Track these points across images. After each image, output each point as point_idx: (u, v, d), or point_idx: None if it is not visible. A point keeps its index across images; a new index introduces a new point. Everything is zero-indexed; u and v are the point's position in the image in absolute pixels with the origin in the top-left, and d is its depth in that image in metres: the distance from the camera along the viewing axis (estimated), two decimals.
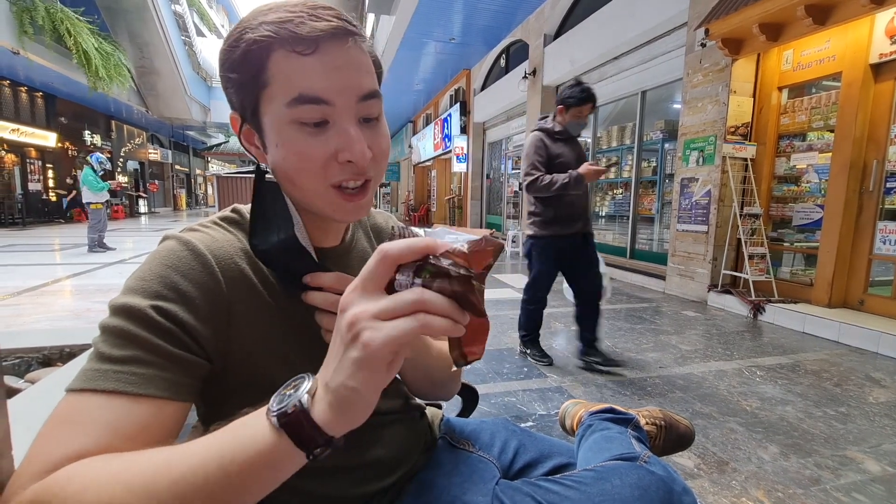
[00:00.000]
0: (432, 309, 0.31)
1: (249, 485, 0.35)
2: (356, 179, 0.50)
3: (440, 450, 0.69)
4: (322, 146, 0.47)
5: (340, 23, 0.46)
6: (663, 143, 5.38)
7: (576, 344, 2.68)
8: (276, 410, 0.34)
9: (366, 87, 0.48)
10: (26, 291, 4.28)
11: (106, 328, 0.42)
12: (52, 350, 0.85)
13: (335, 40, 0.46)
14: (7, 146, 11.40)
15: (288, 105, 0.45)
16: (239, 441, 0.34)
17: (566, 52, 6.73)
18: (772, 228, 4.13)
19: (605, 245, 6.55)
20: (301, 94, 0.45)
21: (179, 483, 0.33)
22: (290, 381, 0.36)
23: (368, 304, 0.32)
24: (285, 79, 0.45)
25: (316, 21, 0.45)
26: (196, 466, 0.34)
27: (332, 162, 0.48)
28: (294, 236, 0.51)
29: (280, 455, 0.34)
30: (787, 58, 3.91)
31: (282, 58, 0.45)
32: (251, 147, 0.52)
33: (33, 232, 10.31)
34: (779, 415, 2.04)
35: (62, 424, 0.37)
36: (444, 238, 0.33)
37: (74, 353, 0.89)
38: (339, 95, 0.46)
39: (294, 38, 0.44)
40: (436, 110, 14.05)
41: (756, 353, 2.89)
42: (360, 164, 0.48)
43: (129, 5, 12.76)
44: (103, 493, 0.33)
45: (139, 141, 19.04)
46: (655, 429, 0.89)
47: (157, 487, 0.33)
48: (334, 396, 0.33)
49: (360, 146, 0.47)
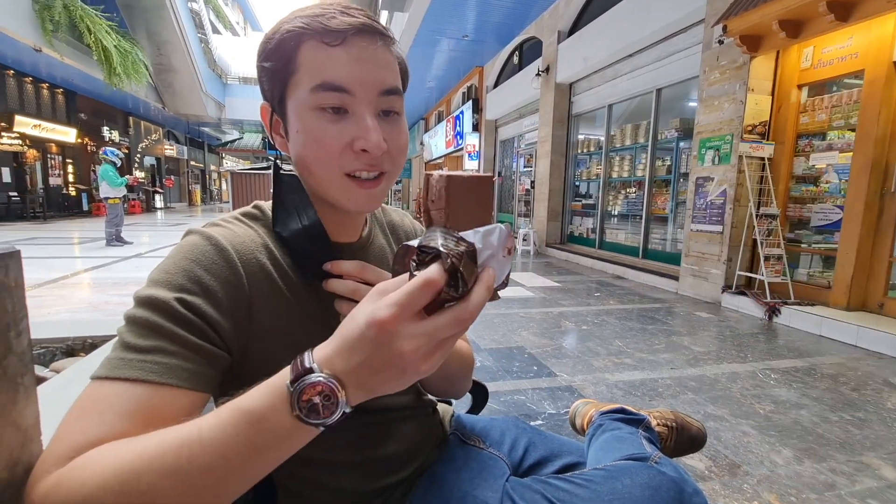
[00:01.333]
0: (466, 324, 0.34)
1: (276, 459, 0.36)
2: (370, 170, 0.51)
3: (451, 446, 0.70)
4: (339, 134, 0.49)
5: (369, 21, 0.49)
6: (678, 141, 5.31)
7: (587, 344, 2.67)
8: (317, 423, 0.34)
9: (387, 83, 0.50)
10: (47, 283, 4.39)
11: (131, 319, 0.43)
12: (75, 341, 0.88)
13: (362, 35, 0.48)
14: (29, 141, 11.66)
15: (311, 91, 0.48)
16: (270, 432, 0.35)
17: (580, 49, 6.66)
18: (789, 229, 4.05)
19: (618, 244, 6.50)
20: (324, 81, 0.47)
21: (208, 466, 0.34)
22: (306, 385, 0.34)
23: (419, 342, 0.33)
24: (312, 66, 0.48)
25: (346, 17, 0.48)
26: (226, 453, 0.35)
27: (348, 150, 0.49)
28: (318, 222, 0.53)
29: (308, 437, 0.36)
30: (807, 55, 3.83)
31: (311, 48, 0.48)
32: (277, 136, 0.55)
33: (54, 225, 10.55)
34: (793, 418, 2.01)
35: (85, 411, 0.39)
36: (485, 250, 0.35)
37: (96, 343, 0.92)
38: (360, 86, 0.48)
39: (324, 30, 0.47)
40: (448, 108, 14.03)
41: (771, 355, 2.85)
42: (374, 154, 0.49)
43: (148, 3, 12.94)
44: (129, 474, 0.34)
45: (156, 137, 19.34)
46: (667, 430, 0.88)
47: (186, 469, 0.34)
48: (363, 391, 0.35)
49: (375, 136, 0.49)
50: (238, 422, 0.35)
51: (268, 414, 0.35)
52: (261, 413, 0.35)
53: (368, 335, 0.33)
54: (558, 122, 7.55)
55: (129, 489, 0.34)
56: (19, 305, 0.35)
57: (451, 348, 0.35)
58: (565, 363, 2.61)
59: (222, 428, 0.35)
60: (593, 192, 7.27)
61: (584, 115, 7.38)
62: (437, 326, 0.33)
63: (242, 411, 0.35)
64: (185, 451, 0.35)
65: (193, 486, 0.34)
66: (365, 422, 0.60)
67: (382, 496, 0.60)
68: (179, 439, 0.35)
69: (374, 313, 0.33)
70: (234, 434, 0.35)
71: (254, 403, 0.35)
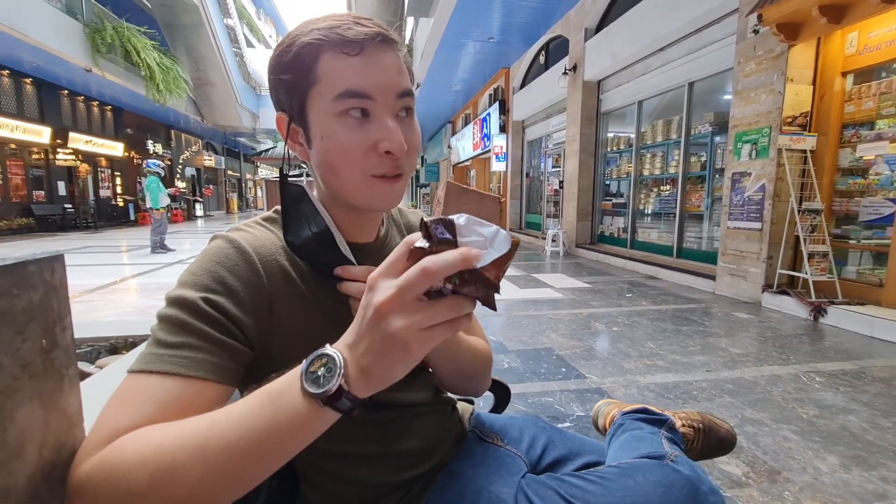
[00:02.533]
0: (461, 314, 0.36)
1: (293, 442, 0.39)
2: (393, 172, 0.53)
3: (470, 443, 0.71)
4: (363, 138, 0.51)
5: (382, 30, 0.52)
6: (713, 136, 5.13)
7: (618, 345, 2.61)
8: (317, 392, 0.36)
9: (403, 86, 0.53)
10: (98, 289, 4.67)
11: (162, 317, 0.47)
12: (118, 339, 0.95)
13: (377, 44, 0.51)
14: (81, 156, 12.45)
15: (335, 99, 0.50)
16: (283, 413, 0.37)
17: (608, 45, 6.54)
18: (835, 225, 3.84)
19: (650, 244, 6.32)
20: (347, 89, 0.50)
21: (232, 447, 0.37)
22: (315, 358, 0.38)
23: (413, 319, 0.35)
24: (333, 76, 0.50)
25: (361, 27, 0.51)
26: (247, 433, 0.37)
27: (372, 153, 0.52)
28: (326, 229, 0.55)
29: (321, 420, 0.38)
30: (851, 41, 3.62)
31: (330, 58, 0.50)
32: (295, 145, 0.57)
33: (104, 235, 11.21)
34: (840, 424, 1.90)
35: (122, 400, 0.42)
36: (472, 234, 0.36)
37: (137, 342, 0.98)
38: (380, 92, 0.51)
39: (342, 41, 0.50)
40: (475, 110, 14.04)
41: (816, 357, 2.71)
42: (397, 154, 0.52)
43: (187, 21, 13.61)
44: (163, 455, 0.37)
45: (196, 148, 20.25)
46: (693, 431, 0.86)
47: (212, 450, 0.37)
48: (373, 380, 0.37)
49: (398, 137, 0.51)
50: (260, 400, 0.38)
51: (284, 391, 0.38)
52: (278, 391, 0.38)
53: (367, 317, 0.36)
54: (586, 121, 7.43)
55: (163, 467, 0.37)
56: (64, 304, 0.39)
57: (448, 333, 0.36)
58: (595, 365, 2.57)
59: (246, 406, 0.39)
60: (624, 190, 7.10)
61: (613, 112, 7.23)
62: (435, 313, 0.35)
63: (265, 391, 0.39)
64: (213, 431, 0.38)
65: (216, 464, 0.37)
66: (385, 417, 0.62)
67: (402, 490, 0.61)
68: (210, 420, 0.39)
69: (378, 295, 0.35)
70: (255, 412, 0.38)
71: (275, 384, 0.39)
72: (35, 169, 11.42)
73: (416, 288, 0.34)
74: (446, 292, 0.36)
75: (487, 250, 0.35)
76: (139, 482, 0.36)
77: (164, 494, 0.36)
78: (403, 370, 0.37)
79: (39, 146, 11.27)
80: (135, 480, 0.36)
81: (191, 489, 0.37)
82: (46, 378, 0.36)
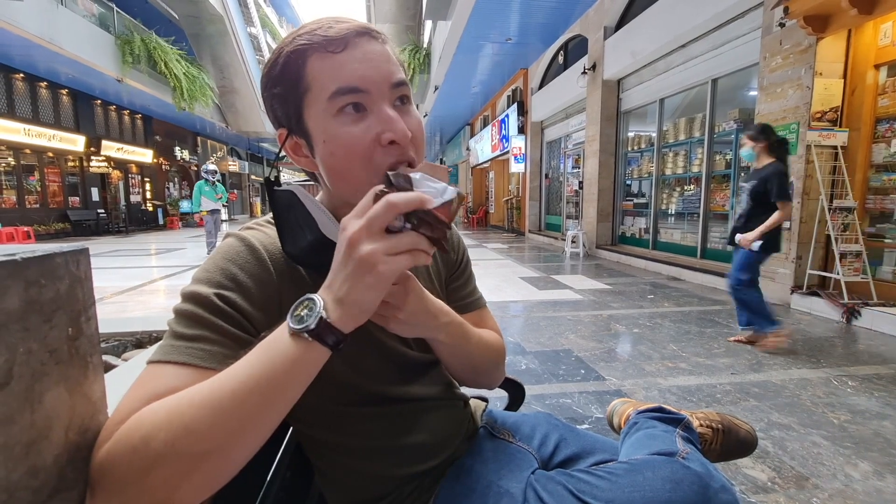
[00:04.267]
0: (420, 248, 0.41)
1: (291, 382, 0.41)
2: (402, 160, 0.52)
3: (481, 438, 0.71)
4: (364, 132, 0.50)
5: (363, 25, 0.52)
6: (737, 133, 4.99)
7: (639, 347, 2.57)
8: (302, 327, 0.40)
9: (396, 75, 0.52)
10: (129, 290, 4.84)
11: (178, 312, 0.49)
12: (142, 335, 0.99)
13: (361, 37, 0.51)
14: (113, 163, 12.94)
15: (329, 99, 0.50)
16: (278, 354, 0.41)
17: (628, 43, 6.44)
18: (869, 223, 3.68)
19: (673, 244, 6.18)
20: (339, 86, 0.49)
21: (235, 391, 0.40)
22: (297, 304, 0.42)
23: (379, 244, 0.40)
24: (323, 77, 0.50)
25: (341, 24, 0.51)
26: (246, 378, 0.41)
27: (376, 147, 0.50)
28: (321, 235, 0.53)
29: (312, 356, 0.41)
30: (885, 32, 3.48)
31: (317, 60, 0.50)
32: (300, 158, 0.56)
33: (134, 238, 11.61)
34: (874, 430, 1.82)
35: (142, 387, 0.44)
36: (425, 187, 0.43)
37: (160, 337, 1.02)
38: (373, 84, 0.50)
39: (325, 40, 0.50)
40: (493, 112, 14.01)
41: (848, 361, 2.60)
42: (402, 143, 0.51)
43: (213, 31, 14.03)
44: (174, 410, 0.40)
45: (221, 154, 20.80)
46: (711, 432, 0.84)
47: (218, 397, 0.40)
48: (348, 307, 0.41)
49: (400, 125, 0.50)
50: (257, 350, 0.42)
51: (276, 337, 0.42)
52: (271, 338, 0.43)
53: (341, 252, 0.41)
54: (606, 120, 7.33)
55: (176, 424, 0.39)
56: (88, 294, 0.41)
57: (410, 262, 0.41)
58: (615, 367, 2.53)
59: (246, 358, 0.42)
60: (645, 190, 6.97)
61: (634, 111, 7.11)
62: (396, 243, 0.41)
63: (261, 343, 0.43)
64: (217, 384, 0.41)
65: (224, 412, 0.39)
66: (397, 411, 0.62)
67: (413, 482, 0.62)
68: (216, 377, 0.42)
69: (345, 234, 0.41)
70: (252, 361, 0.42)
71: (270, 335, 0.43)
72: (70, 176, 11.93)
73: (381, 218, 0.40)
74: (406, 230, 0.41)
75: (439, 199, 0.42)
76: (158, 442, 0.38)
77: (181, 449, 0.38)
78: (375, 296, 0.41)
79: (74, 154, 11.77)
80: (154, 440, 0.38)
81: (204, 440, 0.39)
82: (72, 364, 0.38)
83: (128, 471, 0.38)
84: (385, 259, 0.40)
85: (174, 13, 13.82)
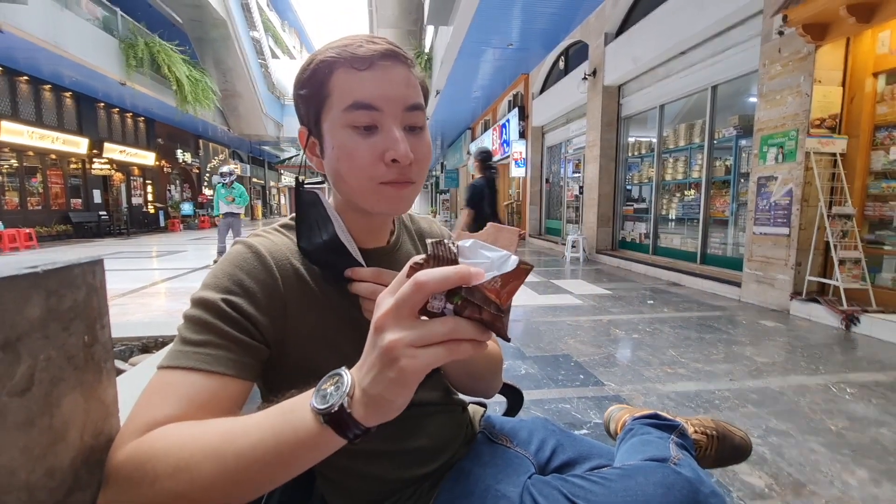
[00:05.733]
0: (462, 336, 0.34)
1: (296, 460, 0.40)
2: (400, 180, 0.56)
3: (479, 443, 0.72)
4: (371, 147, 0.54)
5: (392, 48, 0.55)
6: (737, 139, 5.02)
7: (638, 353, 2.58)
8: (321, 409, 0.37)
9: (411, 99, 0.55)
10: (130, 293, 4.86)
11: (187, 317, 0.51)
12: (148, 339, 1.01)
13: (386, 60, 0.54)
14: (116, 166, 13.00)
15: (344, 111, 0.54)
16: (290, 427, 0.39)
17: (628, 50, 6.49)
18: (868, 230, 3.70)
19: (673, 249, 6.20)
20: (355, 101, 0.53)
21: (241, 453, 0.40)
22: (329, 377, 0.39)
23: (404, 333, 0.34)
24: (343, 89, 0.54)
25: (371, 45, 0.54)
26: (255, 442, 0.40)
27: (379, 162, 0.54)
28: (336, 236, 0.58)
29: (324, 441, 0.38)
30: (883, 40, 3.51)
31: (342, 73, 0.54)
32: (313, 157, 0.61)
33: (136, 240, 11.64)
34: (871, 437, 1.83)
35: (153, 394, 0.46)
36: (476, 257, 0.34)
37: (166, 342, 1.04)
38: (386, 103, 0.53)
39: (353, 57, 0.53)
40: (494, 116, 14.07)
41: (847, 367, 2.61)
42: (403, 163, 0.54)
43: (216, 35, 14.12)
44: (184, 453, 0.40)
45: (222, 157, 20.88)
46: (706, 438, 0.85)
47: (224, 454, 0.40)
48: (371, 401, 0.36)
49: (403, 146, 0.53)
50: (273, 413, 0.40)
51: (296, 406, 0.39)
52: (291, 406, 0.40)
53: (370, 335, 0.37)
54: (607, 126, 7.36)
55: (182, 464, 0.40)
56: (103, 303, 0.43)
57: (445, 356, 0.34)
58: (614, 372, 2.54)
59: (259, 418, 0.40)
60: (646, 195, 7.00)
61: (635, 116, 7.15)
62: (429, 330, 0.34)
63: (279, 406, 0.41)
64: (228, 436, 0.40)
65: (228, 469, 0.39)
66: (401, 415, 0.64)
67: (412, 486, 0.64)
68: (226, 426, 0.41)
69: (375, 315, 0.36)
70: (264, 424, 0.40)
71: (291, 400, 0.40)
72: (73, 178, 11.99)
73: (408, 300, 0.33)
74: (447, 312, 0.34)
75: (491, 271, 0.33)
76: (163, 471, 0.40)
77: (182, 486, 0.39)
78: (399, 393, 0.35)
79: (77, 156, 11.83)
80: (160, 468, 0.40)
81: (205, 489, 0.39)
82: (87, 370, 0.40)
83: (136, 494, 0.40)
84: (411, 353, 0.33)
85: (178, 17, 13.92)
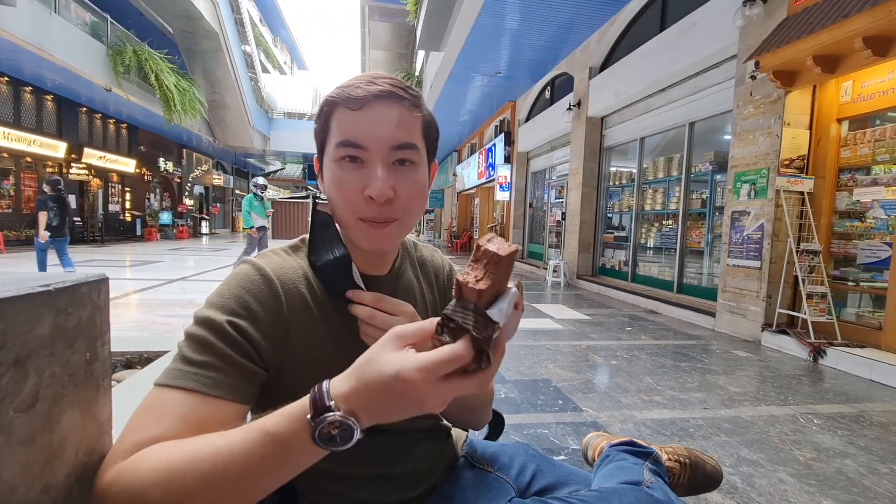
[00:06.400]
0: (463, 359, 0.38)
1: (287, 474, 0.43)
2: (379, 218, 0.58)
3: (461, 468, 0.74)
4: (354, 181, 0.57)
5: (392, 88, 0.57)
6: (713, 174, 5.23)
7: (616, 379, 2.62)
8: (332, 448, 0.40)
9: (398, 140, 0.57)
10: None
11: (190, 335, 0.51)
12: (132, 355, 0.99)
13: (380, 100, 0.57)
14: (94, 171, 12.71)
15: (336, 147, 0.58)
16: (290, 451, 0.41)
17: (612, 84, 6.75)
18: (833, 266, 3.87)
19: (651, 278, 6.35)
20: (345, 139, 0.57)
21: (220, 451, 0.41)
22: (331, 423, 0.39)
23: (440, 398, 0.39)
24: (338, 127, 0.58)
25: (371, 86, 0.57)
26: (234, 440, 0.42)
27: (360, 197, 0.57)
28: (345, 255, 0.61)
29: (322, 455, 0.42)
30: (846, 89, 3.76)
31: (340, 112, 0.58)
32: (320, 182, 0.65)
33: (110, 248, 11.32)
34: (836, 468, 1.89)
35: (148, 412, 0.47)
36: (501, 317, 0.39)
37: (151, 358, 1.02)
38: (372, 143, 0.56)
39: (349, 98, 0.57)
40: (480, 140, 14.34)
41: (814, 399, 2.70)
42: (378, 201, 0.56)
43: (207, 47, 14.14)
44: (171, 472, 0.41)
45: (206, 167, 20.63)
46: (679, 466, 0.88)
47: (205, 458, 0.41)
48: (378, 420, 0.41)
49: (380, 185, 0.56)
50: (265, 442, 0.41)
51: (291, 440, 0.41)
52: (284, 438, 0.41)
53: (395, 388, 0.39)
54: (590, 155, 7.59)
55: (173, 487, 0.41)
56: (105, 321, 0.44)
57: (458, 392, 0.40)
58: (592, 398, 2.57)
59: (250, 446, 0.41)
60: (626, 224, 7.19)
61: (616, 147, 7.39)
62: (459, 388, 0.39)
63: (269, 434, 0.41)
64: (219, 460, 0.41)
65: (221, 490, 0.41)
66: (384, 441, 0.65)
67: None
68: (216, 449, 0.42)
69: (403, 373, 0.38)
70: (259, 453, 0.41)
71: (279, 428, 0.41)
72: None
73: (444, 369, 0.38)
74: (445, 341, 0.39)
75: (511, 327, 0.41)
76: (152, 498, 0.41)
77: None
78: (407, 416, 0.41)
79: (54, 160, 11.53)
80: (148, 496, 0.41)
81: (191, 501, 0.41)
82: (87, 387, 0.41)
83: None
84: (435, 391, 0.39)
85: (169, 27, 13.92)
